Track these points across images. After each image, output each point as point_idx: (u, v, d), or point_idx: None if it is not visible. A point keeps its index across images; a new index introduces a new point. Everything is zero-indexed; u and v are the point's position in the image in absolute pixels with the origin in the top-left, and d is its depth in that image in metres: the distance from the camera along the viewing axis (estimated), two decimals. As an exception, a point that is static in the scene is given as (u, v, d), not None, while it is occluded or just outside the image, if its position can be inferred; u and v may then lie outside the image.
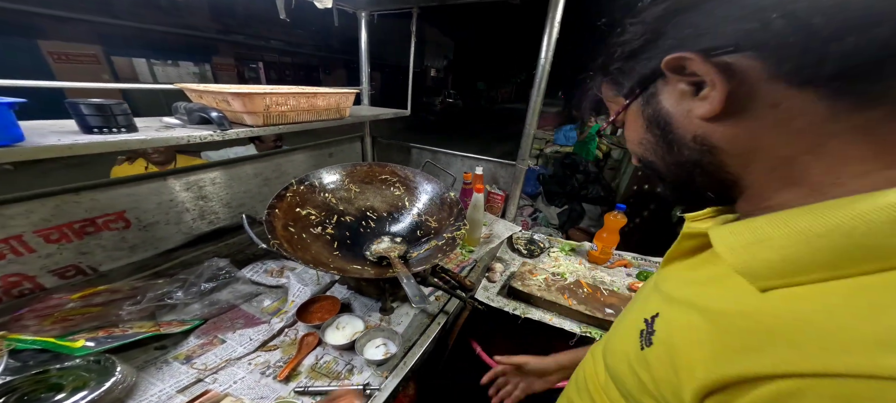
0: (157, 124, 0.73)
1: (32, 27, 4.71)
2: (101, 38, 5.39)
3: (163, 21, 5.98)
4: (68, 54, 5.06)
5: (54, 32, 4.89)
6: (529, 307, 0.88)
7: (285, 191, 0.82)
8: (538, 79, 1.05)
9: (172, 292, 0.74)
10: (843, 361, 0.16)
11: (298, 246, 0.72)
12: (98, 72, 5.41)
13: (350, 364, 0.66)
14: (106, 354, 0.56)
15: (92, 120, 0.58)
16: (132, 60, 5.96)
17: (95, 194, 0.80)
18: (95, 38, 5.33)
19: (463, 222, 0.84)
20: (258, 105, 0.74)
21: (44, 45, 4.81)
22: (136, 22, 5.72)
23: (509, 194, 1.33)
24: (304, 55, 9.43)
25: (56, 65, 4.93)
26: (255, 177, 1.16)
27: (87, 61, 5.29)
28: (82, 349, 0.54)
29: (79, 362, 0.54)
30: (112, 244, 0.87)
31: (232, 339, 0.69)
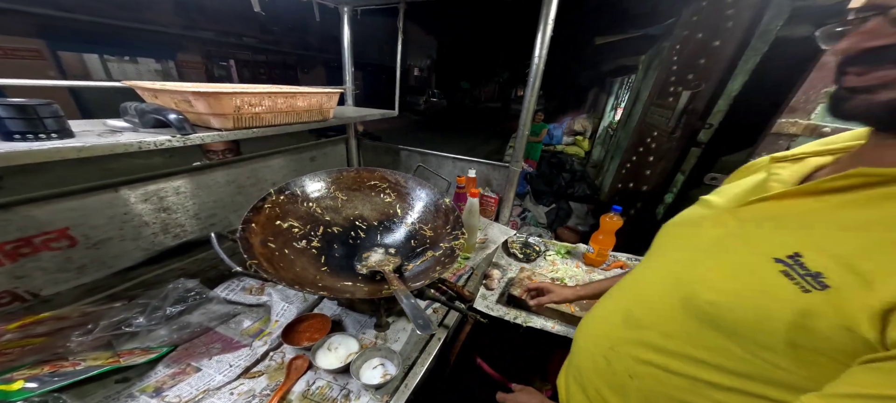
0: (99, 128, 0.63)
1: (-41, 17, 4.16)
2: (45, 31, 4.85)
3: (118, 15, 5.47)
4: (5, 49, 4.51)
5: (-13, 24, 4.35)
6: (530, 315, 0.85)
7: (263, 202, 0.74)
8: (532, 78, 1.03)
9: (132, 318, 0.65)
10: None
11: (280, 264, 0.64)
12: (42, 68, 4.87)
13: (346, 388, 0.60)
14: (54, 394, 0.47)
15: (13, 125, 0.48)
16: (83, 55, 5.41)
17: (30, 209, 0.69)
18: (38, 31, 4.79)
19: (461, 231, 0.80)
20: (227, 106, 0.65)
21: (-26, 38, 4.26)
22: (87, 14, 5.19)
23: (503, 196, 1.30)
24: (280, 53, 8.99)
25: (-11, 60, 4.39)
26: (227, 185, 1.06)
27: (28, 56, 4.75)
28: (20, 392, 0.45)
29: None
30: (55, 266, 0.75)
31: (208, 366, 0.61)
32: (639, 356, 0.41)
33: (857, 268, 0.26)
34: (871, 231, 0.27)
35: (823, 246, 0.29)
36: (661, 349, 0.38)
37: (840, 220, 0.30)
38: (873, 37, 0.27)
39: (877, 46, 0.27)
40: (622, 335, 0.44)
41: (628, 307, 0.45)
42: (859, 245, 0.27)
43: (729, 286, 0.33)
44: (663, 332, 0.39)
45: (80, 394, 0.52)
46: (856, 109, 0.29)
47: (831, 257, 0.28)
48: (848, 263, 0.26)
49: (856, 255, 0.27)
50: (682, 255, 0.43)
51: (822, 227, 0.30)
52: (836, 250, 0.28)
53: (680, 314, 0.37)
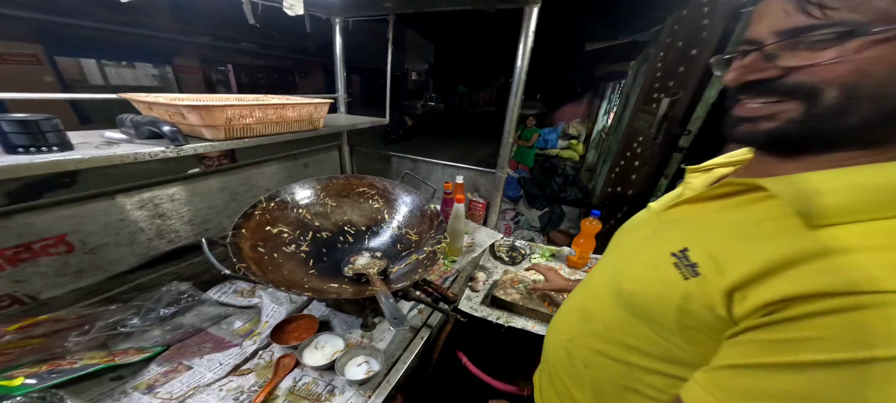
0: (97, 140, 0.67)
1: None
2: (43, 36, 4.87)
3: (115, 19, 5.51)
4: (1, 54, 4.53)
5: (-16, 29, 4.37)
6: (512, 315, 0.89)
7: (253, 209, 0.77)
8: (515, 86, 1.07)
9: (126, 319, 0.68)
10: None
11: (269, 267, 0.68)
12: (39, 73, 4.89)
13: (331, 384, 0.63)
14: (53, 390, 0.50)
15: (16, 139, 0.52)
16: (80, 60, 5.44)
17: (29, 217, 0.72)
18: (35, 36, 4.81)
19: (444, 235, 0.84)
20: (218, 118, 0.69)
21: (-29, 44, 4.28)
22: (85, 20, 5.22)
23: (490, 201, 1.34)
24: (278, 58, 9.05)
25: (-15, 65, 4.40)
26: (220, 191, 1.09)
27: (26, 62, 4.76)
28: (21, 387, 0.48)
29: (20, 400, 0.48)
30: (53, 271, 0.78)
31: (199, 365, 0.64)
32: (591, 346, 0.45)
33: (717, 258, 0.30)
34: (732, 229, 0.32)
35: (702, 242, 0.33)
36: (604, 337, 0.42)
37: (717, 220, 0.35)
38: (751, 71, 0.30)
39: (754, 80, 0.30)
40: (578, 328, 0.48)
41: (583, 302, 0.50)
42: (723, 240, 0.32)
43: (642, 277, 0.38)
44: (605, 322, 0.43)
45: (76, 391, 0.55)
46: (741, 135, 0.32)
47: (705, 250, 0.32)
48: (713, 254, 0.31)
49: (719, 248, 0.31)
50: (621, 253, 0.49)
51: (705, 226, 0.35)
52: (709, 244, 0.32)
53: (614, 304, 0.42)
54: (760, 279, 0.26)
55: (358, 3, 1.11)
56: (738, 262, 0.28)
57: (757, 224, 0.30)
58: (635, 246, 0.45)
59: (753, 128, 0.31)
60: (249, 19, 0.97)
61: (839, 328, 0.23)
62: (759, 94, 0.30)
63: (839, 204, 0.26)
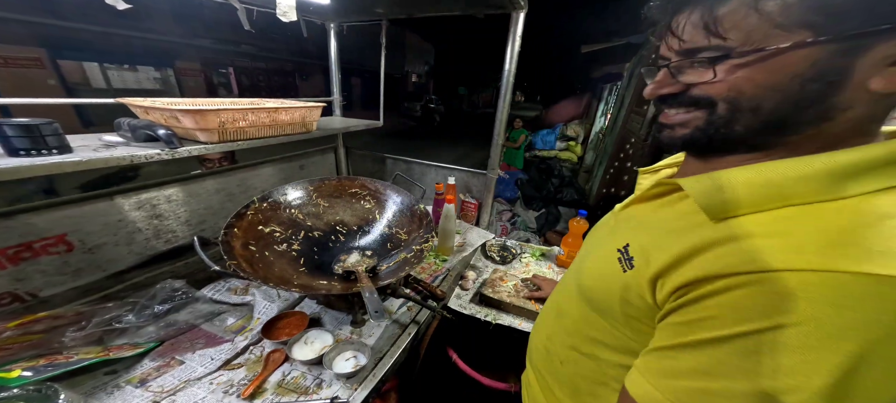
0: (95, 143, 0.69)
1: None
2: (46, 40, 4.93)
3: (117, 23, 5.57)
4: (6, 58, 4.59)
5: (-11, 33, 4.43)
6: (500, 313, 0.91)
7: (246, 210, 0.80)
8: (504, 88, 1.10)
9: (122, 315, 0.70)
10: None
11: (259, 265, 0.70)
12: (42, 77, 4.95)
13: (319, 378, 0.65)
14: (47, 382, 0.53)
15: (18, 142, 0.54)
16: (83, 63, 5.49)
17: (30, 217, 0.74)
18: (39, 40, 4.87)
19: (431, 234, 0.86)
20: (211, 122, 0.72)
21: (-24, 48, 4.34)
22: (87, 23, 5.29)
23: (482, 202, 1.36)
24: (278, 60, 9.11)
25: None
26: (216, 193, 1.12)
27: (29, 65, 4.82)
28: (18, 379, 0.50)
29: (17, 392, 0.50)
30: (53, 269, 0.81)
31: (191, 360, 0.66)
32: (565, 342, 0.47)
33: (647, 251, 0.34)
34: (661, 224, 0.35)
35: (639, 237, 0.36)
36: (574, 333, 0.45)
37: (653, 218, 0.38)
38: (661, 85, 0.33)
39: (665, 94, 0.33)
40: (554, 326, 0.50)
41: (557, 301, 0.52)
42: (654, 235, 0.35)
43: (595, 272, 0.41)
44: (573, 318, 0.45)
45: (71, 384, 0.57)
46: (664, 140, 0.35)
47: (640, 244, 0.35)
48: (645, 248, 0.34)
49: (649, 242, 0.34)
50: (585, 251, 0.52)
51: (644, 223, 0.39)
52: (643, 239, 0.35)
53: (578, 299, 0.44)
54: (674, 267, 0.30)
55: (351, 9, 1.14)
56: (661, 253, 0.31)
57: (678, 219, 0.34)
58: (595, 244, 0.48)
59: (672, 134, 0.34)
60: (245, 25, 1.00)
61: (729, 306, 0.25)
62: (673, 104, 0.33)
63: (735, 198, 0.29)
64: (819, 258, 0.23)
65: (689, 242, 0.29)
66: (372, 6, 1.05)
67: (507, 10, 0.96)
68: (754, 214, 0.28)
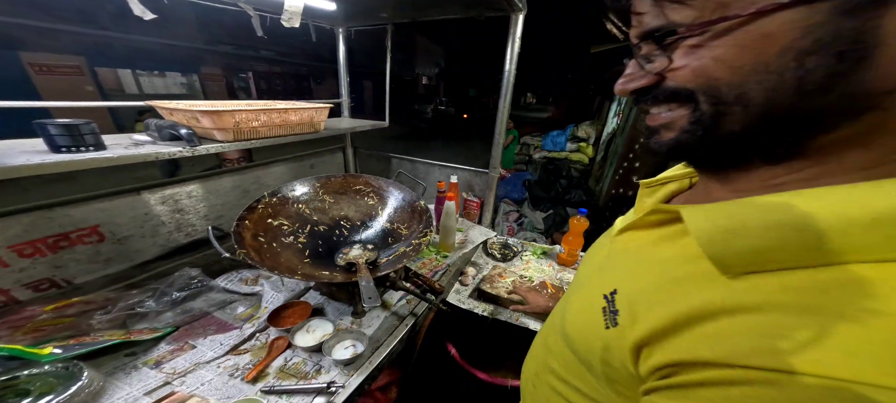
0: (126, 142, 0.76)
1: (13, 38, 4.64)
2: (85, 48, 5.33)
3: (148, 31, 5.95)
4: (50, 66, 4.99)
5: (35, 44, 4.83)
6: (498, 308, 0.93)
7: (257, 203, 0.85)
8: (504, 89, 1.12)
9: (143, 301, 0.77)
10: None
11: (267, 255, 0.75)
12: (81, 83, 5.34)
13: (318, 364, 0.69)
14: (74, 360, 0.59)
15: (60, 140, 0.61)
16: (117, 70, 5.90)
17: (68, 209, 0.82)
18: (78, 48, 5.27)
19: (430, 228, 0.89)
20: (227, 122, 0.78)
21: (25, 57, 4.74)
22: (121, 32, 5.68)
23: (484, 200, 1.38)
24: (294, 65, 9.45)
25: (37, 77, 4.86)
26: (233, 189, 1.19)
27: (70, 73, 5.22)
28: (49, 355, 0.56)
29: (47, 368, 0.56)
30: (86, 258, 0.89)
31: (203, 344, 0.71)
32: (550, 384, 0.37)
33: (635, 306, 0.25)
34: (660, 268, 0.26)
35: (630, 283, 0.28)
36: (559, 377, 0.36)
37: (650, 256, 0.29)
38: (631, 79, 0.26)
39: (636, 89, 0.25)
40: (543, 362, 0.41)
41: (546, 334, 0.43)
42: (647, 282, 0.26)
43: (578, 319, 0.33)
44: (560, 361, 0.36)
45: (95, 364, 0.62)
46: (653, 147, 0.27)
47: (628, 294, 0.27)
48: (632, 300, 0.26)
49: (640, 293, 0.26)
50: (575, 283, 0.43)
51: (638, 263, 0.29)
52: (633, 287, 0.27)
53: (563, 342, 0.36)
54: (664, 336, 0.22)
55: (357, 14, 1.19)
56: (649, 313, 0.24)
57: (683, 263, 0.25)
58: (585, 277, 0.39)
59: (660, 139, 0.26)
60: (258, 31, 1.07)
61: None
62: (652, 102, 0.25)
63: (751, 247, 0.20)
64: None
65: (685, 303, 0.21)
66: (376, 11, 1.09)
67: (507, 13, 0.98)
68: (779, 272, 0.19)
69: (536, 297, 0.86)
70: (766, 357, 0.17)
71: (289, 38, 8.90)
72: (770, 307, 0.18)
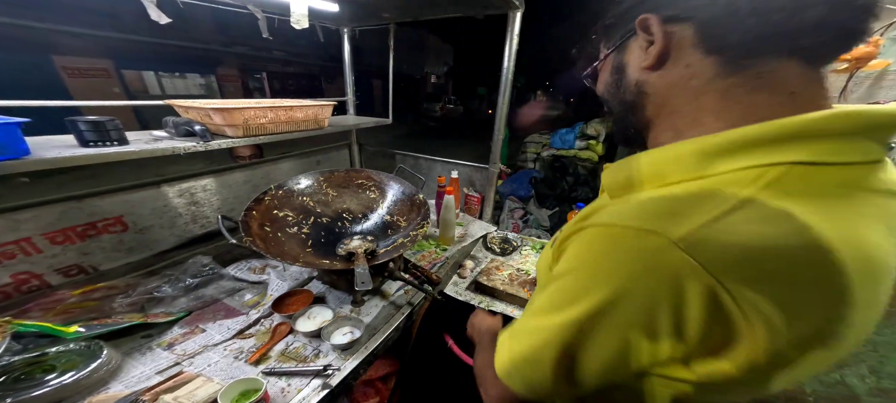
0: (146, 138, 0.82)
1: (47, 43, 4.96)
2: (112, 52, 5.63)
3: (170, 35, 6.22)
4: (81, 69, 5.30)
5: (67, 48, 5.14)
6: (494, 300, 0.95)
7: (264, 195, 0.90)
8: (503, 85, 1.13)
9: (160, 286, 0.83)
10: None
11: (272, 243, 0.79)
12: (109, 85, 5.65)
13: (317, 349, 0.73)
14: (95, 340, 0.64)
15: (88, 135, 0.67)
16: (141, 73, 6.21)
17: (96, 200, 0.90)
18: (106, 52, 5.58)
19: (427, 220, 0.91)
20: (237, 119, 0.82)
21: (57, 61, 5.05)
22: (145, 36, 5.96)
23: (485, 195, 1.40)
24: (306, 65, 9.66)
25: (69, 79, 5.17)
26: (244, 183, 1.25)
27: (99, 75, 5.53)
28: (75, 333, 0.62)
29: (72, 346, 0.62)
30: (111, 246, 0.96)
31: (212, 329, 0.77)
32: None
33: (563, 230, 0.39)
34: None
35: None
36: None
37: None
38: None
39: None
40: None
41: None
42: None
43: (540, 263, 0.46)
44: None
45: (115, 344, 0.68)
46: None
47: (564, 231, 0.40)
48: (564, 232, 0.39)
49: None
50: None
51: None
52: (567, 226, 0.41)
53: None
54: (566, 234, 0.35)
55: (359, 15, 1.22)
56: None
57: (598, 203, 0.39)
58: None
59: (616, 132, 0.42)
60: (264, 33, 1.12)
61: (568, 251, 0.31)
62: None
63: (627, 178, 0.33)
64: (621, 218, 0.26)
65: (582, 214, 0.34)
66: (378, 11, 1.12)
67: (505, 10, 0.99)
68: (635, 193, 0.31)
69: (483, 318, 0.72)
70: (590, 219, 0.30)
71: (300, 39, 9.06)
72: (605, 206, 0.32)
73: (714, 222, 0.22)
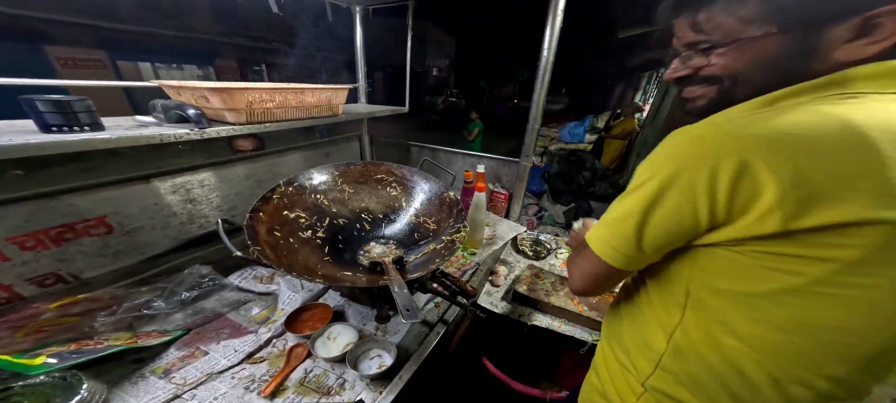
0: (129, 123, 0.68)
1: (39, 33, 4.76)
2: (107, 42, 5.43)
3: (166, 25, 6.00)
4: (74, 59, 5.10)
5: (60, 38, 4.94)
6: (535, 313, 0.82)
7: (271, 193, 0.77)
8: (541, 72, 0.99)
9: (151, 301, 0.70)
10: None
11: (284, 252, 0.66)
12: (104, 76, 5.46)
13: (342, 377, 0.61)
14: (72, 370, 0.52)
15: (50, 118, 0.53)
16: (137, 64, 6.00)
17: (73, 198, 0.76)
18: (101, 42, 5.37)
19: (463, 224, 0.78)
20: (239, 102, 0.69)
21: (50, 51, 4.86)
22: (140, 26, 5.75)
23: (513, 192, 1.26)
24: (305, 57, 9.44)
25: (62, 70, 4.98)
26: (246, 178, 1.11)
27: (93, 66, 5.33)
28: (41, 367, 0.49)
29: (43, 379, 0.50)
30: (93, 251, 0.83)
31: (215, 351, 0.64)
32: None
33: None
34: None
35: None
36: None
37: None
38: (676, 70, 0.42)
39: (680, 76, 0.42)
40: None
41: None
42: None
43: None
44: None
45: (99, 371, 0.56)
46: (689, 111, 0.43)
47: None
48: None
49: None
50: None
51: None
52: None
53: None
54: None
55: (377, -14, 1.07)
56: None
57: None
58: None
59: (694, 105, 0.42)
60: (273, 8, 0.97)
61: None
62: (691, 84, 0.41)
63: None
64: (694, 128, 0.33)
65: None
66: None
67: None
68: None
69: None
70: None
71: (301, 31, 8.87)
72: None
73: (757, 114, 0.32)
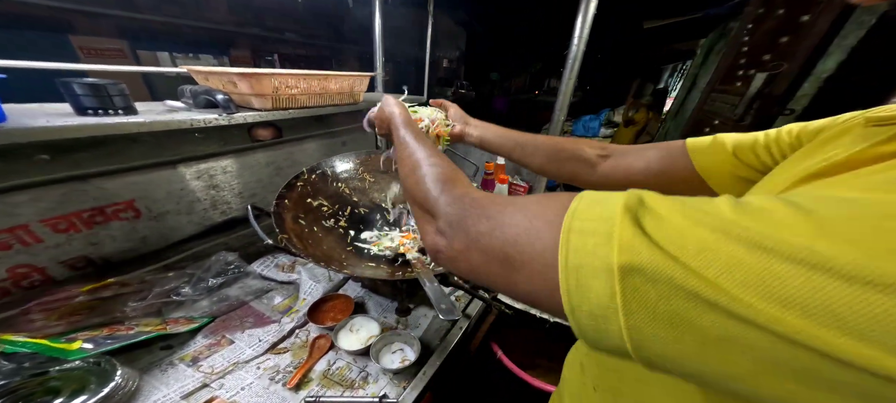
0: (160, 108, 0.68)
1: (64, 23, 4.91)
2: (127, 32, 5.55)
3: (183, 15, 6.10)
4: (97, 49, 5.22)
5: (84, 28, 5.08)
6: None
7: (296, 180, 0.76)
8: (571, 60, 0.94)
9: (179, 287, 0.70)
10: None
11: (309, 241, 0.66)
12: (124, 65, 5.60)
13: (364, 371, 0.60)
14: (106, 356, 0.52)
15: (86, 101, 0.53)
16: (156, 53, 6.14)
17: (103, 181, 0.77)
18: (121, 32, 5.50)
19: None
20: (266, 87, 0.68)
21: (74, 40, 5.01)
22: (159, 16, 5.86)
23: (533, 186, 1.23)
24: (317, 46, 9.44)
25: (86, 59, 5.13)
26: (266, 166, 1.11)
27: (114, 55, 5.47)
28: (78, 352, 0.50)
29: (78, 363, 0.51)
30: (122, 235, 0.84)
31: (241, 340, 0.65)
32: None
33: None
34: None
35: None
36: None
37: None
38: None
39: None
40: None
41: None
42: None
43: None
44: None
45: (129, 359, 0.56)
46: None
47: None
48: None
49: None
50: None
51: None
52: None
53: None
54: None
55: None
56: None
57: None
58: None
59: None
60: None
61: None
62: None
63: None
64: None
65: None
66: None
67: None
68: None
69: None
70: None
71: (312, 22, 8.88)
72: None
73: None
